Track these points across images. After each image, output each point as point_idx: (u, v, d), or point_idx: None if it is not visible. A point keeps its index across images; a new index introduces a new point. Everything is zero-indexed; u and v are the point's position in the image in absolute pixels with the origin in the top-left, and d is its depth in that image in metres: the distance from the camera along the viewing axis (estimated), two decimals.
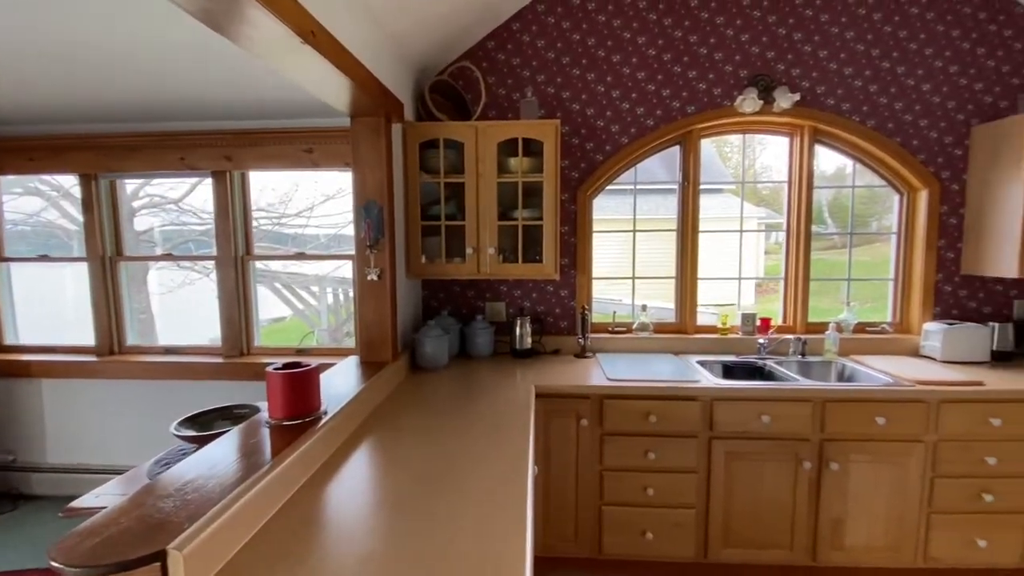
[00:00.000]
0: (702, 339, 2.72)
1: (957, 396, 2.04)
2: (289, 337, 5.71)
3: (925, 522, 2.11)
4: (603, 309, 2.89)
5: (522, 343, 2.60)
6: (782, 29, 2.55)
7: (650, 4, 2.56)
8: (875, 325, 2.73)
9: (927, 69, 2.54)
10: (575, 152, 2.68)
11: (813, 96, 2.57)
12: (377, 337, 2.14)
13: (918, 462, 2.07)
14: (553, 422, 2.15)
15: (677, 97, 2.61)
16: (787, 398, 2.07)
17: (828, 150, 2.70)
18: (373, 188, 2.08)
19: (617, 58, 2.60)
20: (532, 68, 2.64)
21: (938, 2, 2.51)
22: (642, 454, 2.11)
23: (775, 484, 2.11)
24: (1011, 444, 2.06)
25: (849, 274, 2.80)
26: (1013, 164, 2.31)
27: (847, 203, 2.79)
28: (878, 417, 2.05)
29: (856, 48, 2.54)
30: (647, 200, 2.95)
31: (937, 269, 2.63)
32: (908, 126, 2.57)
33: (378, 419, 1.76)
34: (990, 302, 2.64)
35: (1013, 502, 2.08)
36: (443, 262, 2.41)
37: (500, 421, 1.71)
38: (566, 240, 2.73)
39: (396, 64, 2.18)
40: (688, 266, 2.76)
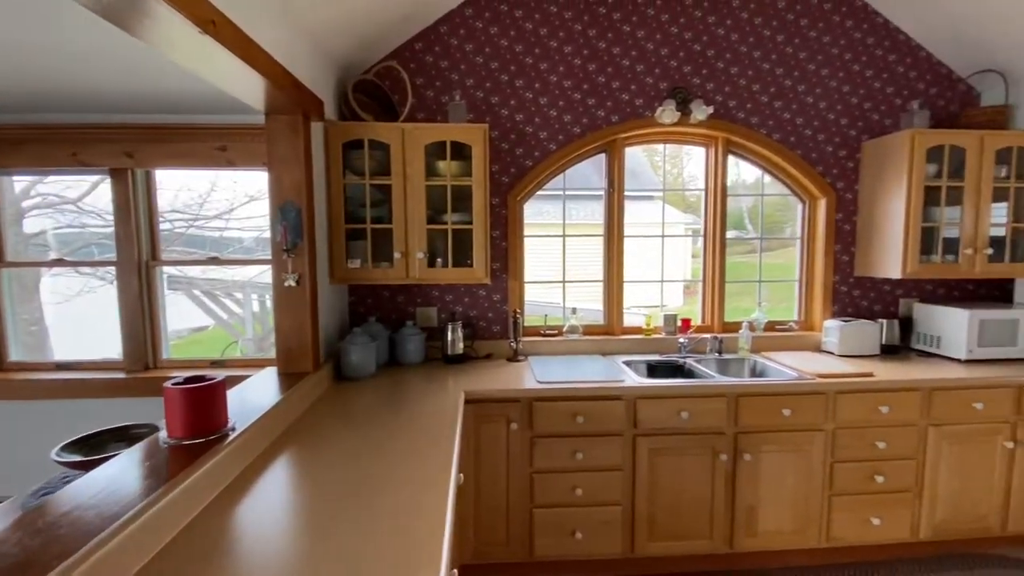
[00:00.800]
0: (629, 340, 2.81)
1: (851, 387, 2.23)
2: (211, 348, 5.32)
3: (827, 504, 2.29)
4: (542, 311, 2.92)
5: (454, 348, 2.57)
6: (697, 46, 2.70)
7: (575, 15, 2.63)
8: (784, 323, 2.94)
9: (824, 88, 2.78)
10: (505, 157, 2.69)
11: (726, 109, 2.74)
12: (296, 346, 2.04)
13: (819, 449, 2.25)
14: (483, 427, 2.13)
15: (602, 106, 2.69)
16: (704, 394, 2.18)
17: (740, 160, 2.89)
18: (290, 189, 1.98)
19: (544, 66, 2.65)
20: (461, 71, 2.62)
21: (833, 27, 2.75)
22: (571, 455, 2.14)
23: (695, 477, 2.21)
24: (897, 429, 2.28)
25: (760, 276, 3.01)
26: (896, 176, 2.58)
27: (767, 210, 3.00)
28: (784, 409, 2.20)
29: (763, 67, 2.74)
30: (584, 205, 3.01)
31: (835, 271, 2.88)
32: (808, 140, 2.80)
33: (296, 433, 1.67)
34: (880, 301, 2.92)
35: (900, 482, 2.30)
36: (369, 267, 2.34)
37: (425, 430, 1.68)
38: (497, 244, 2.73)
39: (315, 60, 2.09)
40: (614, 270, 2.85)
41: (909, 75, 2.82)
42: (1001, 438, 2.33)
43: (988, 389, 2.29)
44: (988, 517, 2.37)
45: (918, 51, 2.81)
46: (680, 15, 2.67)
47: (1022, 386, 2.32)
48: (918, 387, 2.26)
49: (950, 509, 2.34)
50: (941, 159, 2.52)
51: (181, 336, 6.07)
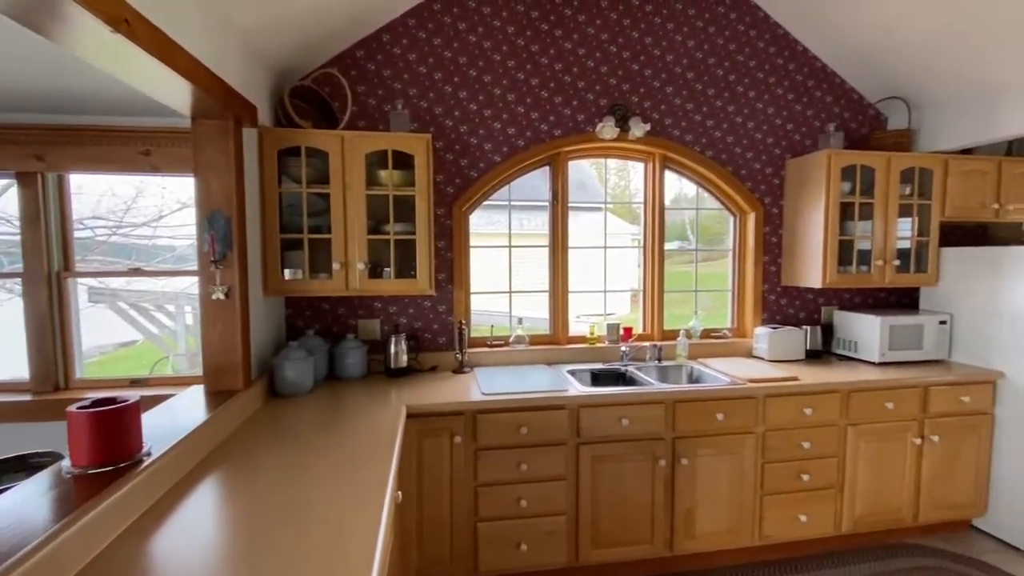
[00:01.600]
0: (574, 349, 2.85)
1: (778, 391, 2.36)
2: (139, 364, 4.96)
3: (759, 504, 2.40)
4: (491, 320, 2.92)
5: (397, 362, 2.51)
6: (635, 65, 2.81)
7: (518, 30, 2.67)
8: (718, 331, 3.08)
9: (751, 109, 2.96)
10: (450, 167, 2.68)
11: (662, 127, 2.86)
12: (225, 363, 1.93)
13: (751, 451, 2.36)
14: (426, 442, 2.09)
15: (545, 120, 2.74)
16: (643, 401, 2.24)
17: (676, 176, 3.02)
18: (219, 197, 1.88)
19: (488, 78, 2.67)
20: (404, 81, 2.60)
21: (758, 53, 2.94)
22: (515, 466, 2.14)
23: (636, 483, 2.26)
24: (820, 429, 2.43)
25: (696, 286, 3.14)
26: (815, 193, 2.77)
27: (706, 223, 3.14)
28: (718, 413, 2.30)
29: (696, 87, 2.88)
30: (536, 215, 3.02)
31: (764, 281, 3.05)
32: (738, 157, 2.97)
33: (223, 456, 1.57)
34: (804, 308, 3.12)
35: (824, 480, 2.45)
36: (306, 278, 2.26)
37: (362, 447, 1.62)
38: (443, 255, 2.71)
39: (248, 64, 2.01)
40: (559, 281, 2.89)
41: (826, 99, 3.05)
42: (910, 435, 2.53)
43: (898, 390, 2.49)
44: (901, 509, 2.56)
45: (833, 77, 3.06)
46: (618, 35, 2.77)
47: (927, 386, 2.53)
48: (837, 389, 2.42)
49: (868, 503, 2.51)
50: (854, 177, 2.74)
51: (106, 352, 5.61)
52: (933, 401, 2.54)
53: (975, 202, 2.85)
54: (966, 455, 2.61)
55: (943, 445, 2.57)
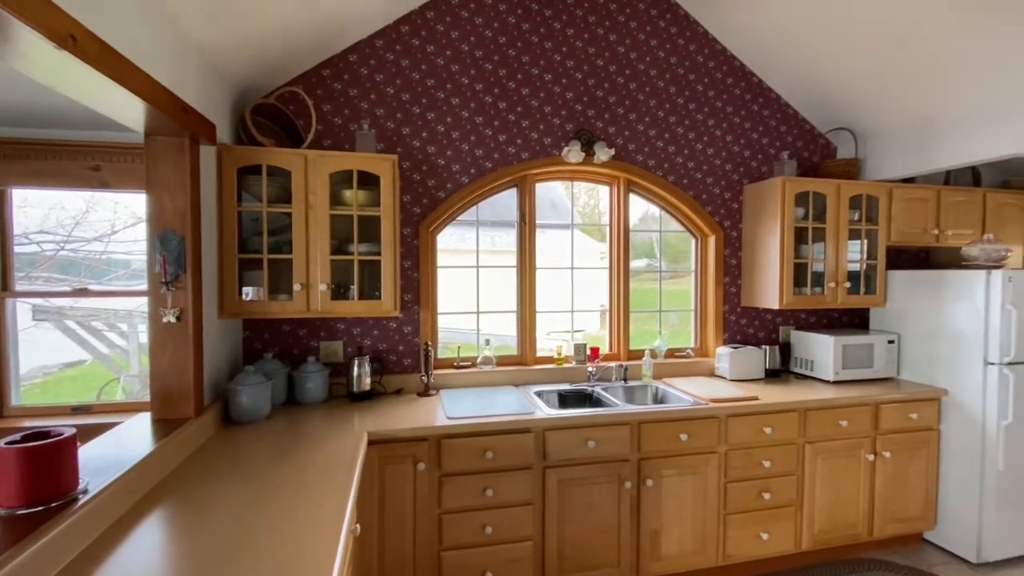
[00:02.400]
0: (541, 370, 2.85)
1: (739, 410, 2.41)
2: (86, 386, 4.69)
3: (723, 523, 2.42)
4: (461, 337, 2.89)
5: (360, 385, 2.45)
6: (600, 92, 2.88)
7: (486, 54, 2.71)
8: (682, 350, 3.14)
9: (710, 136, 3.08)
10: (417, 188, 2.67)
11: (626, 152, 2.94)
12: (175, 389, 1.84)
13: (714, 471, 2.39)
14: (388, 469, 2.03)
15: (512, 143, 2.77)
16: (608, 423, 2.25)
17: (638, 202, 3.09)
18: (173, 216, 1.81)
19: (456, 101, 2.69)
20: (371, 101, 2.59)
21: (716, 83, 3.07)
22: (480, 492, 2.10)
23: (602, 506, 2.25)
24: (780, 448, 2.49)
25: (660, 305, 3.20)
26: (771, 218, 2.88)
27: (673, 241, 3.22)
28: (682, 434, 2.33)
29: (658, 115, 2.98)
30: (508, 232, 3.02)
31: (724, 302, 3.14)
32: (699, 183, 3.07)
33: (170, 490, 1.49)
34: (763, 328, 3.21)
35: (784, 497, 2.50)
36: (266, 300, 2.19)
37: (320, 478, 1.56)
38: (409, 275, 2.68)
39: (207, 80, 1.96)
40: (527, 301, 2.90)
41: (780, 128, 3.20)
42: (863, 451, 2.62)
43: (851, 408, 2.58)
44: (857, 525, 2.63)
45: (786, 108, 3.21)
46: (584, 62, 2.85)
47: (878, 404, 2.64)
48: (795, 408, 2.49)
49: (826, 519, 2.57)
50: (807, 203, 2.87)
51: (50, 373, 5.26)
52: (884, 418, 2.64)
53: (917, 228, 3.03)
54: (915, 470, 2.71)
55: (894, 461, 2.67)
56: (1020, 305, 2.56)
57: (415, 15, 2.61)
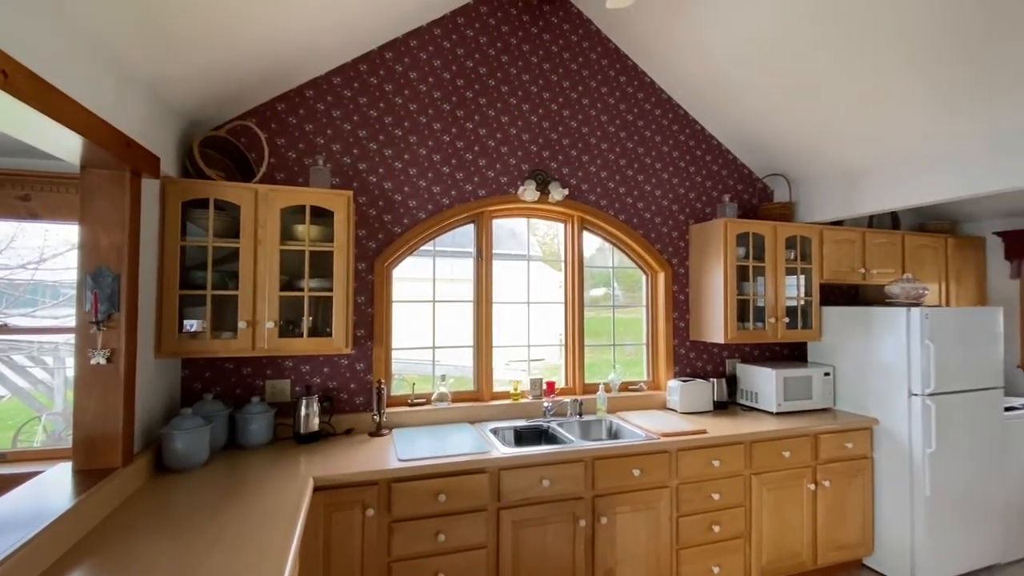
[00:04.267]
0: (498, 406, 2.83)
1: (689, 444, 2.47)
2: (2, 425, 4.31)
3: (675, 558, 2.44)
4: (417, 369, 2.85)
5: (307, 426, 2.35)
6: (554, 134, 2.99)
7: (444, 95, 2.78)
8: (635, 384, 3.20)
9: (658, 179, 3.24)
10: (373, 223, 2.66)
11: (579, 192, 3.04)
12: (102, 436, 1.70)
13: (666, 505, 2.42)
14: (335, 516, 1.94)
15: (469, 181, 2.82)
16: (563, 460, 2.25)
17: (594, 236, 3.19)
18: (108, 252, 1.72)
19: (414, 139, 2.72)
20: (327, 136, 2.59)
21: (663, 129, 3.26)
22: (433, 537, 2.04)
23: (557, 546, 2.23)
24: (728, 480, 2.55)
25: (614, 339, 3.27)
26: (715, 256, 3.04)
27: (630, 271, 3.31)
28: (635, 469, 2.36)
29: (609, 157, 3.12)
30: (467, 260, 3.02)
31: (674, 336, 3.25)
32: (648, 222, 3.20)
33: (91, 549, 1.36)
34: (711, 362, 3.33)
35: (733, 530, 2.56)
36: (208, 338, 2.09)
37: (259, 530, 1.48)
38: (363, 311, 2.63)
39: (152, 112, 1.91)
40: (483, 336, 2.90)
41: (721, 173, 3.41)
42: (805, 481, 2.73)
43: (792, 439, 2.70)
44: (802, 553, 2.72)
45: (727, 154, 3.44)
46: (539, 106, 2.96)
47: (816, 435, 2.77)
48: (741, 440, 2.58)
49: (773, 549, 2.64)
50: (748, 243, 3.05)
51: None
52: (823, 448, 2.77)
53: (846, 267, 3.27)
54: (852, 498, 2.84)
55: (833, 490, 2.79)
56: (937, 340, 2.78)
57: (374, 55, 2.65)
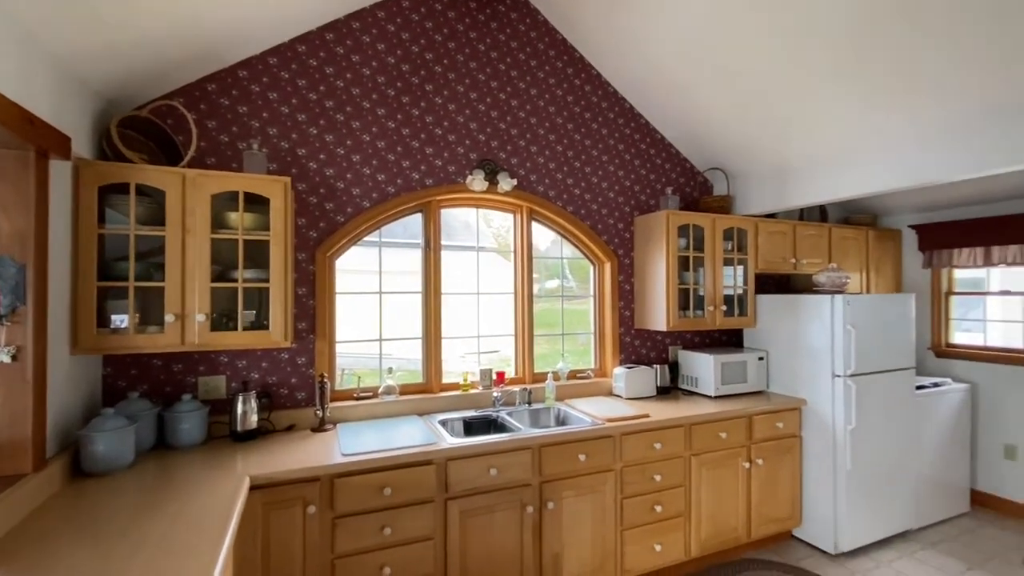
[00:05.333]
0: (447, 397, 2.81)
1: (632, 428, 2.55)
2: None
3: (620, 539, 2.52)
4: (366, 363, 2.79)
5: (245, 423, 2.25)
6: (502, 124, 2.99)
7: (389, 80, 2.70)
8: (583, 372, 3.27)
9: (604, 171, 3.30)
10: (314, 211, 2.56)
11: (528, 182, 3.05)
12: (8, 441, 1.56)
13: (611, 488, 2.49)
14: (274, 516, 1.88)
15: (416, 169, 2.77)
16: (511, 448, 2.27)
17: (543, 227, 3.22)
18: (11, 240, 1.57)
19: (357, 124, 2.64)
20: (263, 119, 2.46)
21: (609, 123, 3.31)
22: (378, 531, 2.01)
23: (504, 534, 2.25)
24: (669, 462, 2.66)
25: (563, 329, 3.33)
26: (658, 246, 3.14)
27: (583, 263, 3.36)
28: (581, 454, 2.41)
29: (557, 148, 3.14)
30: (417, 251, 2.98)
31: (620, 324, 3.34)
32: (595, 213, 3.26)
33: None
34: (655, 349, 3.45)
35: (674, 509, 2.67)
36: (131, 332, 1.95)
37: (188, 533, 1.40)
38: (304, 303, 2.54)
39: (62, 88, 1.75)
40: (432, 327, 2.87)
41: (665, 166, 3.52)
42: (741, 460, 2.88)
43: (728, 420, 2.84)
44: (737, 528, 2.87)
45: (670, 148, 3.54)
46: (487, 95, 2.94)
47: (751, 416, 2.92)
48: (682, 423, 2.69)
49: (711, 526, 2.78)
50: (689, 234, 3.16)
51: None
52: (756, 428, 2.93)
53: (779, 257, 3.45)
54: (783, 474, 3.03)
55: (766, 467, 2.96)
56: (857, 325, 3.00)
57: (313, 35, 2.54)
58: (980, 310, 3.83)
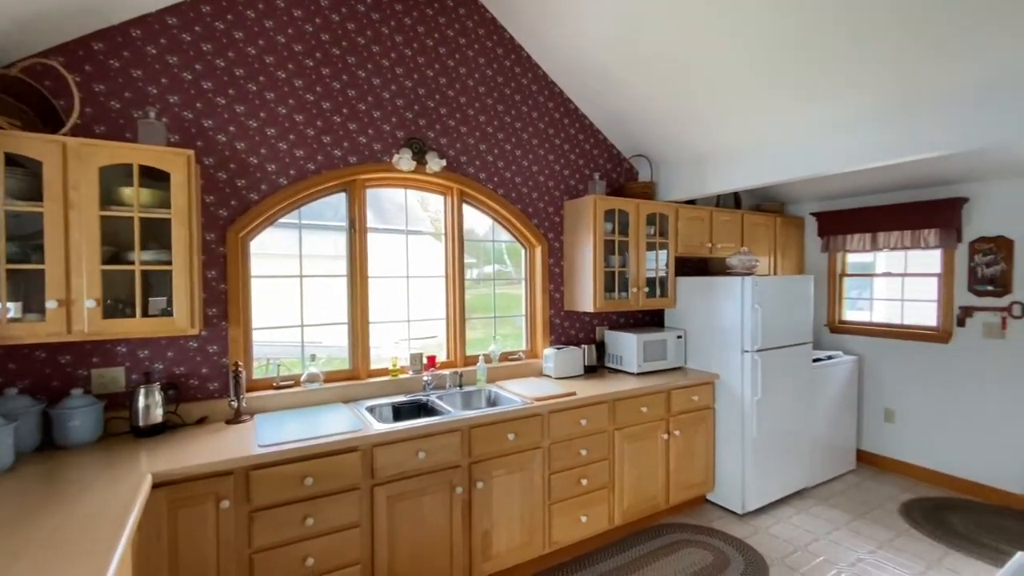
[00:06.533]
0: (375, 383, 2.75)
1: (559, 407, 2.62)
2: None
3: (548, 513, 2.61)
4: (297, 353, 2.66)
5: (148, 417, 2.08)
6: (431, 102, 2.91)
7: (306, 50, 2.54)
8: (515, 353, 3.32)
9: (535, 155, 3.32)
10: (223, 188, 2.38)
11: (458, 163, 3.01)
12: None
13: (539, 465, 2.56)
14: (182, 513, 1.76)
15: (338, 146, 2.64)
16: (439, 432, 2.26)
17: (474, 210, 3.19)
18: None
19: (271, 95, 2.47)
20: (162, 86, 2.24)
21: (539, 106, 3.32)
22: (300, 522, 1.94)
23: (433, 516, 2.26)
24: (594, 437, 2.77)
25: (495, 312, 3.34)
26: (585, 230, 3.21)
27: (518, 248, 3.36)
28: (510, 434, 2.45)
29: (487, 130, 3.12)
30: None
31: (550, 306, 3.41)
32: (525, 197, 3.28)
33: None
34: (583, 329, 3.56)
35: (599, 481, 2.79)
36: (3, 322, 1.73)
37: (77, 540, 1.28)
38: (214, 287, 2.37)
39: None
40: (358, 311, 2.78)
41: (593, 152, 3.60)
42: (660, 432, 3.06)
43: (649, 395, 3.00)
44: (656, 496, 3.06)
45: (598, 134, 3.62)
46: (414, 71, 2.85)
47: (669, 391, 3.10)
48: (606, 400, 2.81)
49: (632, 495, 2.94)
50: (614, 219, 3.26)
51: None
52: (674, 402, 3.12)
53: (697, 242, 3.66)
54: (698, 443, 3.26)
55: (683, 437, 3.17)
56: (763, 304, 3.25)
57: None
58: (868, 290, 4.28)
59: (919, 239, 3.74)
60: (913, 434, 3.85)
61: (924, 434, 3.79)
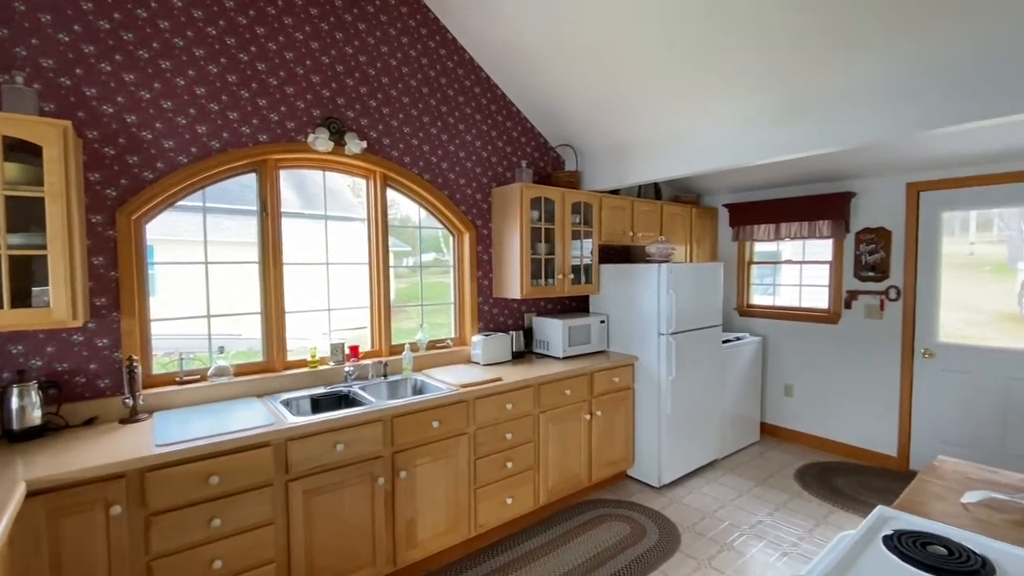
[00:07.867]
0: (292, 375, 2.63)
1: (484, 392, 2.65)
2: None
3: (473, 497, 2.64)
4: (205, 347, 2.47)
5: (24, 420, 1.86)
6: (350, 80, 2.78)
7: (208, 17, 2.34)
8: (442, 341, 3.29)
9: (462, 140, 3.28)
10: (111, 165, 2.15)
11: (381, 146, 2.91)
12: None
13: (464, 451, 2.58)
14: (66, 522, 1.60)
15: (247, 123, 2.46)
16: (359, 423, 2.21)
17: (399, 195, 3.11)
18: None
19: (167, 64, 2.25)
20: (32, 47, 1.97)
21: (466, 91, 3.28)
22: (205, 524, 1.83)
23: (354, 508, 2.21)
24: (519, 421, 2.82)
25: (422, 300, 3.30)
26: (512, 218, 3.23)
27: (445, 235, 3.32)
28: (434, 422, 2.44)
29: (412, 113, 3.03)
30: (288, 222, 2.69)
31: (479, 293, 3.41)
32: (453, 183, 3.24)
33: None
34: (511, 316, 3.60)
35: (524, 463, 2.85)
36: None
37: None
38: (102, 275, 2.15)
39: None
40: (272, 300, 2.63)
41: (521, 140, 3.61)
42: (583, 413, 3.17)
43: (573, 378, 3.09)
44: (580, 474, 3.18)
45: (526, 122, 3.64)
46: (331, 47, 2.70)
47: (592, 373, 3.22)
48: (531, 384, 2.86)
49: (557, 475, 3.04)
50: (541, 207, 3.31)
51: None
52: (597, 384, 3.25)
53: (619, 230, 3.79)
54: (619, 422, 3.42)
55: (604, 417, 3.31)
56: (677, 290, 3.44)
57: None
58: (772, 277, 4.66)
59: (815, 230, 4.10)
60: (808, 407, 4.26)
61: (817, 406, 4.21)
